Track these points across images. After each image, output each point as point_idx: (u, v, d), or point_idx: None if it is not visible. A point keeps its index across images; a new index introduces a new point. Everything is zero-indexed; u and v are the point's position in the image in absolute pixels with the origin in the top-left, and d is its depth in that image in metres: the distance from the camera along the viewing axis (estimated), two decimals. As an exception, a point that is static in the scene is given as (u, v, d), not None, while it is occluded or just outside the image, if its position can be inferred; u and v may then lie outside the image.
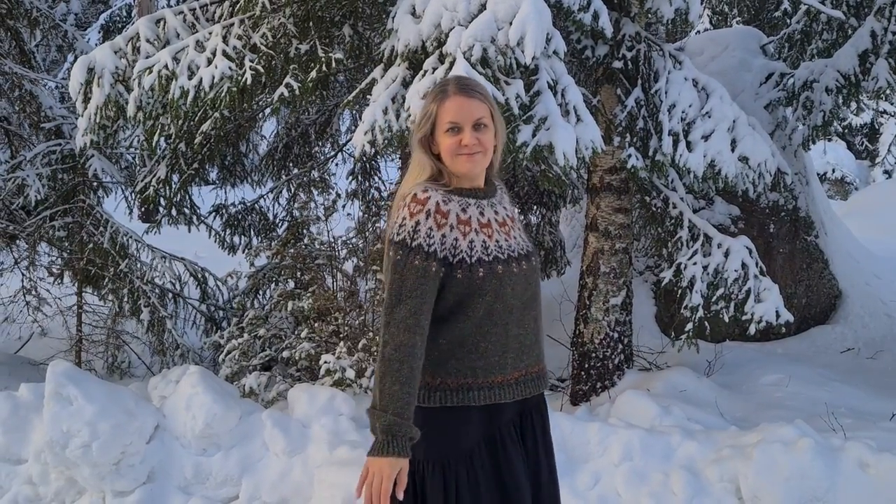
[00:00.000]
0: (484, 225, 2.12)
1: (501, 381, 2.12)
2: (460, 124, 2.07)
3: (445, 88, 2.12)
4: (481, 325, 2.08)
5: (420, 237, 2.01)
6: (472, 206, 2.12)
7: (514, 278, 2.10)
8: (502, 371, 2.11)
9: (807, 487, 3.41)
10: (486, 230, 2.11)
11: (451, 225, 2.06)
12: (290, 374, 5.02)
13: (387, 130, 3.68)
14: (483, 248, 2.08)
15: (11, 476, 3.99)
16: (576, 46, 4.76)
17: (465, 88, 2.10)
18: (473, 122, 2.08)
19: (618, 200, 5.02)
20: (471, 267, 2.05)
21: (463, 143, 2.07)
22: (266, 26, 4.28)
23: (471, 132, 2.07)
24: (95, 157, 5.87)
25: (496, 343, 2.10)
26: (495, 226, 2.14)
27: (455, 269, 2.04)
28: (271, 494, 3.86)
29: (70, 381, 3.83)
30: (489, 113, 2.11)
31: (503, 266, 2.09)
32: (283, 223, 6.80)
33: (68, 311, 6.51)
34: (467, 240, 2.07)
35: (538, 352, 2.21)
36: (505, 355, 2.11)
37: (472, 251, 2.06)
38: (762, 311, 4.61)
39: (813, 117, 5.80)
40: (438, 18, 3.59)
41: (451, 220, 2.06)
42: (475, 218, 2.11)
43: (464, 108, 2.07)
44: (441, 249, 2.03)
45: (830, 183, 19.07)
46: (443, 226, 2.04)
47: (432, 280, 2.02)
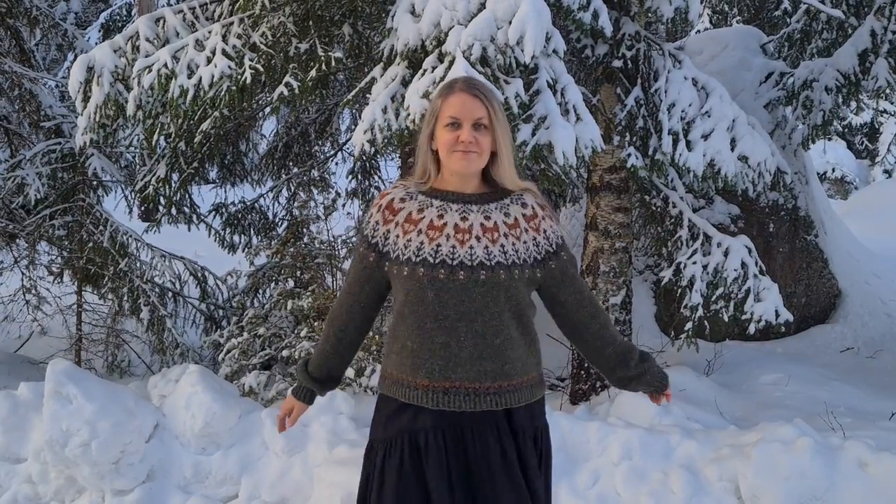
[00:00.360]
0: (434, 227, 2.12)
1: (426, 386, 2.13)
2: (460, 120, 2.09)
3: (453, 85, 2.16)
4: (407, 325, 2.15)
5: (368, 228, 2.20)
6: (433, 207, 2.15)
7: (437, 285, 2.09)
8: (428, 376, 2.13)
9: (806, 487, 3.41)
10: (433, 233, 2.12)
11: (396, 222, 2.16)
12: (290, 373, 5.02)
13: (386, 129, 3.68)
14: (416, 250, 2.11)
15: (11, 475, 4.00)
16: (575, 45, 4.76)
17: (470, 87, 2.13)
18: (473, 120, 2.09)
19: (617, 199, 5.02)
20: (398, 265, 2.13)
21: (460, 139, 2.08)
22: (266, 25, 4.28)
23: (469, 130, 2.08)
24: (95, 156, 5.87)
25: (421, 346, 2.13)
26: (450, 230, 2.12)
27: (394, 262, 2.15)
28: (271, 493, 3.86)
29: (70, 379, 3.83)
30: (490, 116, 2.10)
31: (426, 270, 2.09)
32: (282, 222, 6.80)
33: (68, 309, 6.51)
34: (405, 238, 2.13)
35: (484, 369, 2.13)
36: (431, 361, 2.12)
37: (405, 250, 2.13)
38: (762, 311, 4.61)
39: (813, 116, 5.80)
40: (438, 17, 3.59)
41: (398, 218, 2.16)
42: (428, 220, 2.14)
43: (466, 105, 2.09)
44: (383, 243, 2.17)
45: (830, 182, 19.07)
46: (389, 221, 2.17)
47: (370, 268, 2.20)
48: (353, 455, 3.74)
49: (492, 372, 2.14)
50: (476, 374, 2.12)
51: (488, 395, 2.14)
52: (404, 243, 2.13)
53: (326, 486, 3.66)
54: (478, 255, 2.10)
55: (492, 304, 2.11)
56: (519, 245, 2.15)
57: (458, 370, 2.12)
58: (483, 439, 2.15)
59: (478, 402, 2.13)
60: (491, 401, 2.14)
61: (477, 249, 2.10)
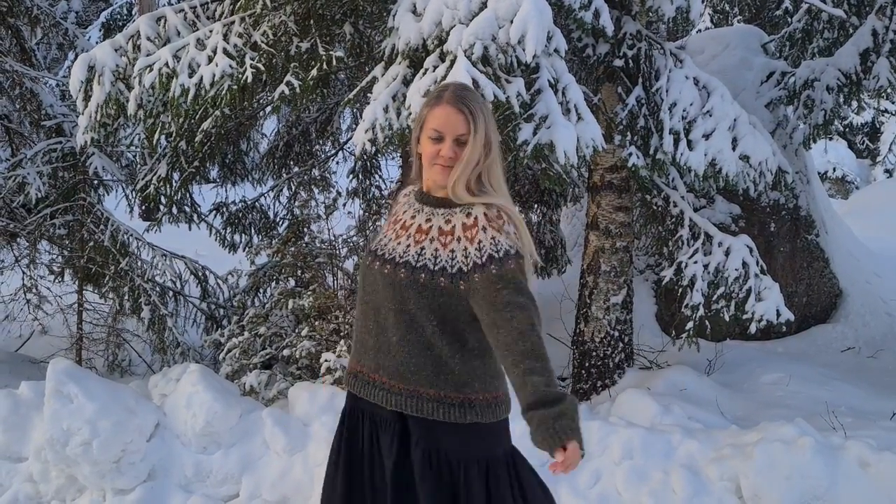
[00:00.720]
0: (400, 225, 2.25)
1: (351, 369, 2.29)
2: (443, 134, 2.11)
3: (441, 94, 2.15)
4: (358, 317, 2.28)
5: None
6: (411, 208, 2.27)
7: (367, 273, 2.23)
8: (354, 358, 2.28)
9: (807, 486, 3.41)
10: (395, 228, 2.25)
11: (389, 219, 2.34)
12: (291, 373, 5.01)
13: (387, 129, 3.68)
14: (378, 241, 2.27)
15: (12, 474, 3.99)
16: (576, 45, 4.76)
17: (457, 101, 2.10)
18: (455, 135, 2.10)
19: (619, 199, 5.02)
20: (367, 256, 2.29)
21: (441, 153, 2.11)
22: (267, 24, 4.27)
23: (451, 145, 2.10)
24: (96, 156, 5.86)
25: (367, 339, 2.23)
26: (411, 230, 2.20)
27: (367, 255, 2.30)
28: (272, 493, 3.86)
29: (71, 379, 3.83)
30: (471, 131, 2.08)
31: (369, 259, 2.23)
32: (283, 221, 6.80)
33: (69, 309, 6.51)
34: (382, 231, 2.32)
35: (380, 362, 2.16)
36: (356, 345, 2.28)
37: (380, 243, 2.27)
38: (763, 310, 4.61)
39: (814, 116, 5.80)
40: (439, 16, 3.59)
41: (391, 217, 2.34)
42: (401, 218, 2.27)
43: (450, 119, 2.09)
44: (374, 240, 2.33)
45: (831, 182, 19.05)
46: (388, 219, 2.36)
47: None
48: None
49: (387, 367, 2.16)
50: (375, 365, 2.20)
51: (381, 390, 2.18)
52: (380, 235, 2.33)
53: (327, 485, 3.65)
54: (407, 254, 2.15)
55: (398, 301, 2.12)
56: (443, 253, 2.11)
57: (364, 356, 2.23)
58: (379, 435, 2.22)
59: (373, 394, 2.20)
60: (383, 397, 2.17)
61: (412, 249, 2.16)
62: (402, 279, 2.12)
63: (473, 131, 2.08)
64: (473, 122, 2.09)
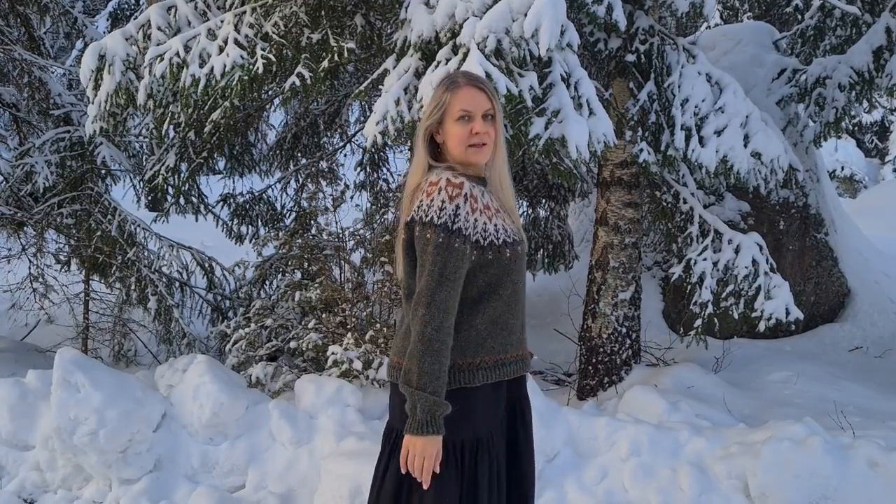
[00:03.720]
0: (496, 211, 2.22)
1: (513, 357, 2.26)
2: (472, 113, 2.16)
3: (456, 80, 2.21)
4: (510, 304, 2.20)
5: (460, 221, 2.09)
6: (485, 192, 2.23)
7: (521, 261, 2.24)
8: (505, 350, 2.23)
9: (816, 486, 3.39)
10: (500, 216, 2.22)
11: (479, 209, 2.15)
12: (297, 365, 5.01)
13: (398, 121, 3.66)
14: (505, 232, 2.19)
15: (19, 462, 4.00)
16: (588, 39, 4.73)
17: (475, 81, 2.21)
18: (483, 112, 2.17)
19: (628, 195, 5.00)
20: (499, 248, 2.15)
21: (474, 130, 2.16)
22: (278, 15, 4.25)
23: (481, 121, 2.17)
24: (104, 145, 5.86)
25: (515, 319, 2.24)
26: (501, 211, 2.25)
27: (486, 251, 2.14)
28: (277, 484, 3.86)
29: (78, 368, 3.83)
30: (494, 107, 2.20)
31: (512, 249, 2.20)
32: (290, 213, 6.78)
33: (75, 298, 6.52)
34: (493, 223, 2.17)
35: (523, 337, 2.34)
36: (520, 331, 2.27)
37: (497, 234, 2.16)
38: (772, 309, 4.59)
39: (825, 114, 5.76)
40: (452, 9, 3.57)
41: (479, 205, 2.15)
42: (490, 204, 2.21)
43: (475, 97, 2.16)
44: (474, 233, 2.13)
45: (839, 180, 19.00)
46: (476, 210, 2.13)
47: (468, 263, 2.12)
48: (361, 447, 3.73)
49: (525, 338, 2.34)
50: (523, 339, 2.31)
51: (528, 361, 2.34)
52: (494, 228, 2.17)
53: (333, 477, 3.65)
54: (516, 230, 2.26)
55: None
56: None
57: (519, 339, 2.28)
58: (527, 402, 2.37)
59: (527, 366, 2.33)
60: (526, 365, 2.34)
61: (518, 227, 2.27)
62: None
63: (497, 105, 2.21)
64: (494, 98, 2.21)
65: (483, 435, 2.18)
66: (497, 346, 2.20)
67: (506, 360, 2.23)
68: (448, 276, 2.07)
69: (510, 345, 2.23)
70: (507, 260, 2.16)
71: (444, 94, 2.18)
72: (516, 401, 2.33)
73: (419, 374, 2.03)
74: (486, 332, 2.18)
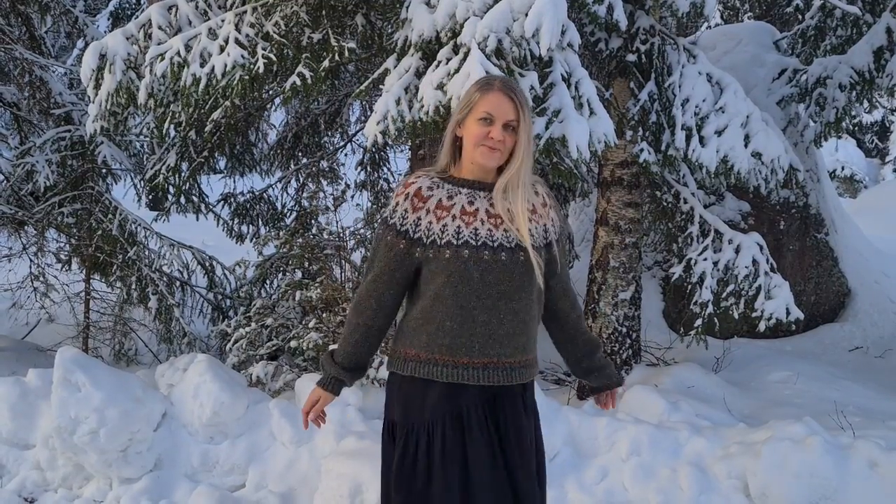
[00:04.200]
0: (467, 213, 2.23)
1: (467, 363, 2.23)
2: (494, 118, 2.20)
3: (491, 82, 2.25)
4: (447, 305, 2.22)
5: (396, 216, 2.25)
6: (462, 195, 2.26)
7: (482, 265, 2.20)
8: (468, 354, 2.23)
9: (816, 486, 3.39)
10: (468, 217, 2.23)
11: (427, 209, 2.23)
12: (297, 364, 5.01)
13: (399, 121, 3.66)
14: (455, 233, 2.21)
15: (19, 461, 4.00)
16: (589, 39, 4.73)
17: (508, 89, 2.23)
18: (505, 121, 2.20)
19: (628, 195, 5.00)
20: (439, 248, 2.21)
21: (491, 135, 2.19)
22: (279, 14, 4.26)
23: (500, 129, 2.20)
24: (105, 144, 5.86)
25: (462, 325, 2.22)
26: (482, 215, 2.23)
27: (427, 249, 2.22)
28: (278, 484, 3.86)
29: (78, 367, 3.83)
30: (520, 120, 2.22)
31: (470, 251, 2.19)
32: (291, 213, 6.79)
33: (76, 297, 6.52)
34: (440, 223, 2.22)
35: (517, 344, 2.28)
36: (472, 339, 2.22)
37: (443, 234, 2.21)
38: (772, 309, 4.59)
39: (825, 114, 5.76)
40: (453, 8, 3.57)
41: (428, 205, 2.24)
42: (460, 206, 2.24)
43: (502, 105, 2.20)
44: (413, 230, 2.23)
45: (839, 180, 18.99)
46: (418, 209, 2.24)
47: (400, 255, 2.25)
48: (361, 446, 3.73)
49: (521, 347, 2.29)
50: (512, 350, 2.26)
51: (520, 370, 2.30)
52: (440, 228, 2.22)
53: (334, 476, 3.65)
54: (510, 238, 2.22)
55: (527, 283, 2.25)
56: (538, 229, 2.29)
57: (496, 347, 2.24)
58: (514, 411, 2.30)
59: (513, 377, 2.28)
60: (520, 374, 2.30)
61: (511, 232, 2.22)
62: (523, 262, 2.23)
63: (524, 119, 2.22)
64: (523, 111, 2.22)
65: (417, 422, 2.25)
66: (431, 345, 2.24)
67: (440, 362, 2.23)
68: (375, 265, 2.29)
69: (447, 347, 2.22)
70: (444, 260, 2.20)
71: (476, 93, 2.23)
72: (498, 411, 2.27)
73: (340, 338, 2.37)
74: (421, 327, 2.26)
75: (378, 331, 2.36)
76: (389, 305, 2.33)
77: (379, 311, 2.32)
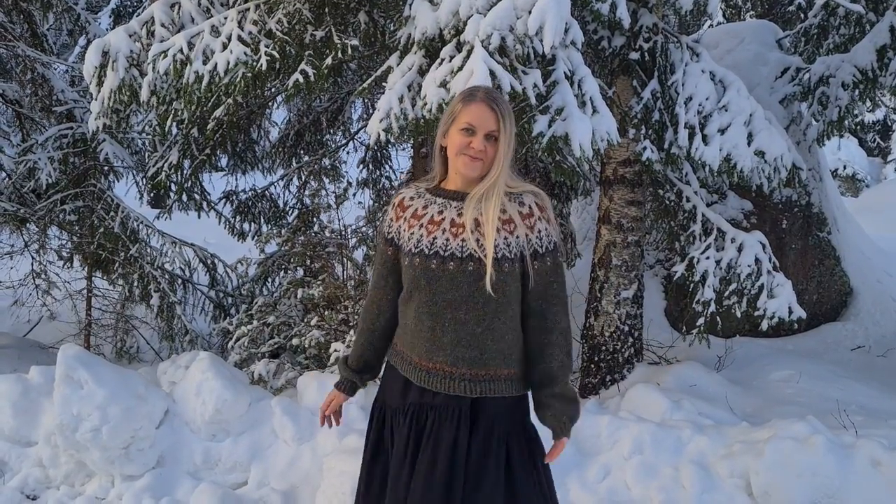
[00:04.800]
0: (433, 222, 2.29)
1: (416, 363, 2.32)
2: (475, 128, 2.22)
3: (474, 93, 2.26)
4: (409, 308, 2.33)
5: (385, 224, 2.41)
6: (435, 204, 2.31)
7: (430, 274, 2.25)
8: (418, 355, 2.32)
9: (819, 484, 3.39)
10: (431, 227, 2.28)
11: (405, 218, 2.35)
12: (299, 362, 5.02)
13: (402, 118, 3.66)
14: (416, 242, 2.29)
15: (22, 458, 4.01)
16: (592, 37, 4.72)
17: (490, 100, 2.24)
18: (487, 131, 2.22)
19: (631, 193, 4.99)
20: (406, 255, 2.32)
21: (472, 145, 2.22)
22: (281, 12, 4.25)
23: (481, 139, 2.22)
24: (107, 142, 5.86)
25: (415, 328, 2.32)
26: (446, 225, 2.26)
27: (403, 255, 2.34)
28: (280, 481, 3.86)
29: (81, 364, 3.83)
30: (500, 130, 2.22)
31: (421, 260, 2.26)
32: (293, 211, 6.79)
33: (78, 295, 6.52)
34: (409, 232, 2.31)
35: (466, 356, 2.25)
36: (420, 342, 2.30)
37: (409, 242, 2.31)
38: (775, 307, 4.58)
39: (828, 112, 5.75)
40: (457, 6, 3.56)
41: (406, 214, 2.35)
42: (430, 215, 2.30)
43: (483, 115, 2.21)
44: (397, 238, 2.36)
45: (841, 179, 18.97)
46: (399, 218, 2.36)
47: (389, 261, 2.41)
48: (363, 444, 3.73)
49: (468, 359, 2.27)
50: (454, 359, 2.27)
51: (463, 381, 2.27)
52: (408, 236, 2.31)
53: (336, 474, 3.65)
54: (469, 246, 2.22)
55: (477, 293, 2.22)
56: (511, 239, 2.23)
57: (439, 353, 2.28)
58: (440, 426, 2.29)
59: (452, 386, 2.27)
60: (465, 387, 2.27)
61: (469, 242, 2.21)
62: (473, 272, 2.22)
63: (503, 129, 2.22)
64: (504, 122, 2.22)
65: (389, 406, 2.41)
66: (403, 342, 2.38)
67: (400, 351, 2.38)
68: (374, 268, 2.48)
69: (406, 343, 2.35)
70: (406, 267, 2.32)
71: (458, 104, 2.25)
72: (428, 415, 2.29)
73: None
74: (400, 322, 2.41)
75: (381, 333, 2.48)
76: (389, 309, 2.43)
77: (380, 315, 2.46)
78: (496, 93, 2.32)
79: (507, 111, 2.25)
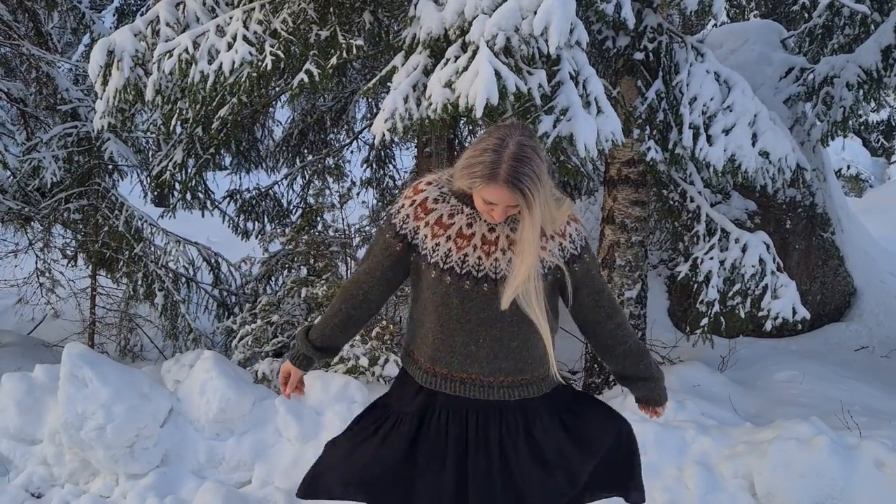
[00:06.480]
0: (463, 236, 2.15)
1: (445, 374, 2.26)
2: (497, 204, 2.05)
3: (497, 171, 1.99)
4: (431, 320, 2.23)
5: (398, 217, 2.20)
6: (462, 214, 2.16)
7: (462, 294, 2.16)
8: (448, 366, 2.25)
9: (822, 485, 3.39)
10: (462, 241, 2.15)
11: (427, 222, 2.18)
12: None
13: (407, 118, 3.66)
14: (445, 256, 2.16)
15: (26, 456, 4.01)
16: (597, 37, 4.72)
17: (514, 180, 1.98)
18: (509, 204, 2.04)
19: (635, 193, 4.99)
20: (428, 266, 2.18)
21: (492, 213, 2.07)
22: (286, 11, 4.25)
23: (503, 210, 2.05)
24: (111, 141, 5.86)
25: (442, 341, 2.23)
26: (477, 241, 2.15)
27: (420, 258, 2.20)
28: (283, 480, 3.86)
29: (85, 363, 3.84)
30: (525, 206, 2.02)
31: (452, 278, 2.15)
32: (297, 210, 6.80)
33: (82, 293, 6.53)
34: (434, 241, 2.17)
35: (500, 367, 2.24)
36: (451, 355, 2.23)
37: (434, 253, 2.17)
38: (779, 308, 4.59)
39: (832, 113, 5.75)
40: (462, 6, 3.56)
41: (429, 219, 2.18)
42: (458, 226, 2.16)
43: (504, 196, 2.01)
44: (412, 237, 2.19)
45: (845, 179, 18.93)
46: (420, 219, 2.18)
47: (395, 256, 2.22)
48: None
49: (506, 369, 2.25)
50: (491, 370, 2.24)
51: (502, 388, 2.26)
52: (433, 246, 2.17)
53: (340, 474, 3.66)
54: (502, 267, 2.13)
55: (511, 312, 2.15)
56: (544, 255, 2.14)
57: (475, 366, 2.23)
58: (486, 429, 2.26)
59: (492, 393, 2.26)
60: (505, 392, 2.26)
61: (501, 262, 2.13)
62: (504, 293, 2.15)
63: (530, 206, 2.02)
64: (527, 201, 2.01)
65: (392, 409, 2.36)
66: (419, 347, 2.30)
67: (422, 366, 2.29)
68: (371, 257, 2.28)
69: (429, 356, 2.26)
70: (430, 279, 2.18)
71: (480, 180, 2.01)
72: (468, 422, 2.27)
73: None
74: (413, 325, 2.33)
75: (359, 320, 2.37)
76: (375, 300, 2.33)
77: (364, 303, 2.32)
78: (521, 168, 1.99)
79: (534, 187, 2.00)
